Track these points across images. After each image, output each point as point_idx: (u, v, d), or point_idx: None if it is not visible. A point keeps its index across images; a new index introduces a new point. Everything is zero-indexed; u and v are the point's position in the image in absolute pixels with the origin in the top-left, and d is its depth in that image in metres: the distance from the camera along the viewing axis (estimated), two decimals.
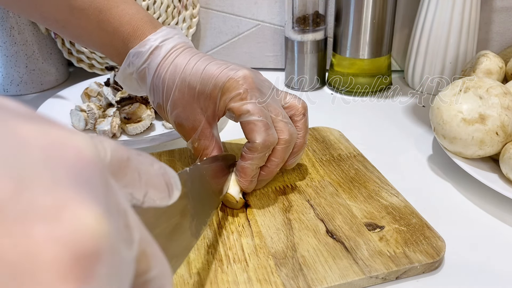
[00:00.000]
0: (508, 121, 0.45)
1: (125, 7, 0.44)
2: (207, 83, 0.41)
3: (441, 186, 0.48)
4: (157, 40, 0.43)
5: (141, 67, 0.43)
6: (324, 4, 0.69)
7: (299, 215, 0.41)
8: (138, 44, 0.43)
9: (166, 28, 0.44)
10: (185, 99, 0.42)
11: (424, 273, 0.36)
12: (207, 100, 0.42)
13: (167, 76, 0.42)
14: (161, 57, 0.43)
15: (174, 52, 0.43)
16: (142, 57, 0.43)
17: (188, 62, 0.42)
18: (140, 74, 0.44)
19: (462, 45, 0.66)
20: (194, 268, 0.36)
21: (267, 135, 0.40)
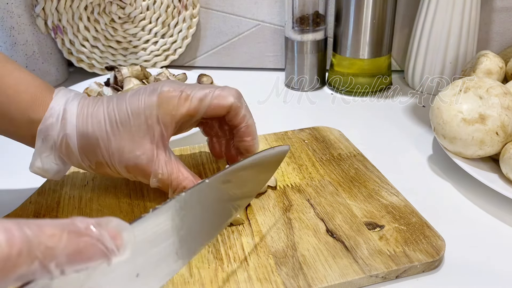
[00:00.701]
0: (508, 121, 0.45)
1: (19, 74, 0.39)
2: (138, 112, 0.39)
3: (441, 186, 0.48)
4: (60, 104, 0.40)
5: (59, 136, 0.39)
6: (324, 4, 0.69)
7: (299, 214, 0.41)
8: (43, 118, 0.39)
9: (59, 89, 0.41)
10: (124, 139, 0.39)
11: (424, 272, 0.36)
12: (149, 126, 0.39)
13: (94, 129, 0.39)
14: (75, 115, 0.39)
15: (84, 105, 0.40)
16: (56, 126, 0.39)
17: (105, 105, 0.40)
18: (61, 147, 0.40)
19: (462, 45, 0.67)
20: (195, 267, 0.36)
21: (229, 91, 0.40)
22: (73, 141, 0.39)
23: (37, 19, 0.73)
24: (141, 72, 0.63)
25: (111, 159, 0.40)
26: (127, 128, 0.39)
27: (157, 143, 0.40)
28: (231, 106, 0.40)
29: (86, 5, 0.76)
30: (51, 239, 0.17)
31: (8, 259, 0.16)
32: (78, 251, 0.18)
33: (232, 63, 0.84)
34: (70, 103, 0.40)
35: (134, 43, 0.79)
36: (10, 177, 0.53)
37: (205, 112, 0.40)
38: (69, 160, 0.41)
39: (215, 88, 0.41)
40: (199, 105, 0.40)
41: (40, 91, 0.40)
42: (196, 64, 0.84)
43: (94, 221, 0.19)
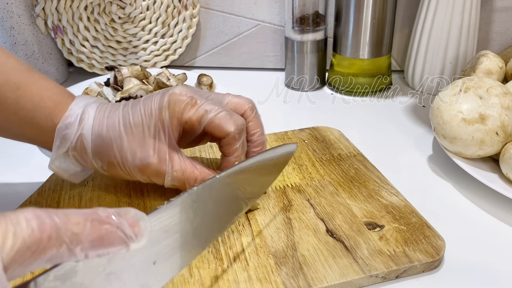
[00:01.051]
0: (508, 121, 0.45)
1: (44, 82, 0.41)
2: (151, 112, 0.40)
3: (441, 186, 0.48)
4: (80, 105, 0.41)
5: (76, 135, 0.40)
6: (324, 4, 0.69)
7: (299, 214, 0.41)
8: (62, 118, 0.41)
9: (80, 96, 0.43)
10: (136, 139, 0.40)
11: (424, 272, 0.36)
12: (159, 128, 0.40)
13: (109, 130, 0.40)
14: (92, 117, 0.41)
15: (102, 109, 0.41)
16: (74, 126, 0.40)
17: (121, 109, 0.41)
18: (76, 146, 0.41)
19: (462, 45, 0.67)
20: (195, 267, 0.36)
21: (235, 120, 0.40)
22: (87, 141, 0.40)
23: (37, 19, 0.73)
24: (141, 72, 0.63)
25: (124, 160, 0.40)
26: (140, 129, 0.40)
27: (168, 143, 0.40)
28: (228, 135, 0.40)
29: (86, 5, 0.76)
30: (76, 226, 0.19)
31: (39, 243, 0.18)
32: (100, 237, 0.20)
33: (232, 63, 0.84)
34: (89, 106, 0.42)
35: (134, 43, 0.79)
36: (10, 175, 0.53)
37: (205, 126, 0.40)
38: (83, 160, 0.42)
39: (224, 109, 0.40)
40: (202, 117, 0.40)
41: (62, 97, 0.42)
42: (196, 64, 0.84)
43: (114, 210, 0.21)
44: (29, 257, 0.19)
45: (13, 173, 0.53)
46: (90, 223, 0.20)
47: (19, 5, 0.71)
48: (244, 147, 0.42)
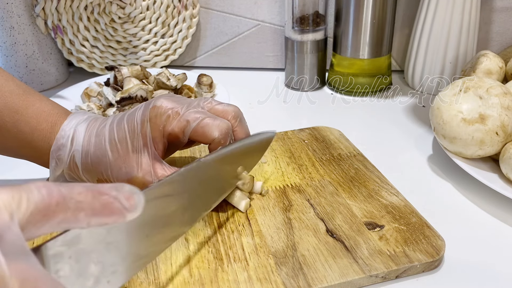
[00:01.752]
0: (508, 121, 0.45)
1: (40, 104, 0.42)
2: (134, 127, 0.40)
3: (441, 186, 0.48)
4: (71, 126, 0.42)
5: (69, 156, 0.42)
6: (324, 4, 0.69)
7: (299, 214, 0.41)
8: (55, 139, 0.42)
9: (75, 113, 0.44)
10: (121, 155, 0.41)
11: (424, 272, 0.36)
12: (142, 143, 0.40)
13: (96, 148, 0.41)
14: (82, 136, 0.42)
15: (91, 127, 0.42)
16: (66, 146, 0.41)
17: (108, 126, 0.42)
18: (70, 165, 0.42)
19: (462, 45, 0.67)
20: (195, 267, 0.36)
21: (218, 125, 0.40)
22: (78, 160, 0.42)
23: (37, 19, 0.74)
24: (141, 72, 0.63)
25: (110, 176, 0.41)
26: (124, 145, 0.41)
27: (152, 156, 0.41)
28: (213, 140, 0.40)
29: (86, 5, 0.76)
30: (79, 195, 0.22)
31: (49, 207, 0.21)
32: (100, 206, 0.23)
33: (232, 63, 0.84)
34: (80, 124, 0.42)
35: (134, 43, 0.79)
36: (10, 175, 0.53)
37: (189, 136, 0.41)
38: (77, 177, 0.43)
39: (207, 116, 0.41)
40: (185, 128, 0.40)
41: (58, 118, 0.43)
42: (196, 64, 0.84)
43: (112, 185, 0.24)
44: (40, 219, 0.21)
45: (13, 173, 0.53)
46: (91, 193, 0.23)
47: (19, 5, 0.71)
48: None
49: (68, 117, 0.43)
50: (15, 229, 0.20)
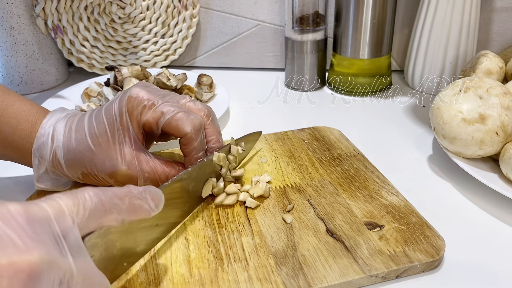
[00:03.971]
0: (508, 121, 0.45)
1: (20, 104, 0.43)
2: (113, 119, 0.41)
3: (441, 186, 0.48)
4: (50, 124, 0.42)
5: (51, 153, 0.42)
6: (324, 4, 0.69)
7: (299, 214, 0.41)
8: (36, 138, 0.42)
9: (54, 110, 0.44)
10: (104, 148, 0.41)
11: (424, 272, 0.36)
12: (123, 134, 0.41)
13: (78, 143, 0.41)
14: (61, 133, 0.42)
15: (69, 123, 0.42)
16: (47, 144, 0.42)
17: (86, 120, 0.42)
18: (53, 162, 0.42)
19: (462, 45, 0.67)
20: (195, 267, 0.36)
21: (191, 120, 0.41)
22: (60, 156, 0.42)
23: (37, 19, 0.73)
24: (141, 72, 0.63)
25: (95, 170, 0.42)
26: (105, 138, 0.41)
27: (134, 147, 0.41)
28: (186, 135, 0.41)
29: (86, 5, 0.76)
30: (120, 200, 0.27)
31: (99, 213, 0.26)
32: (134, 208, 0.28)
33: (232, 63, 0.84)
34: (59, 121, 0.42)
35: (134, 43, 0.79)
36: (10, 174, 0.53)
37: (162, 127, 0.41)
38: (61, 173, 0.43)
39: (181, 110, 0.41)
40: (159, 119, 0.41)
41: (38, 116, 0.43)
42: (196, 64, 0.84)
43: (142, 188, 0.29)
44: (92, 223, 0.26)
45: (13, 172, 0.53)
46: (128, 198, 0.28)
47: (19, 5, 0.71)
48: (203, 145, 0.43)
49: (47, 115, 0.43)
50: (76, 232, 0.24)
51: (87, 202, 0.25)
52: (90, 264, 0.25)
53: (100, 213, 0.26)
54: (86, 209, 0.25)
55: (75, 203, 0.25)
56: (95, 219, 0.26)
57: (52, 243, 0.22)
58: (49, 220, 0.23)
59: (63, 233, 0.23)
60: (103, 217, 0.26)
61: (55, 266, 0.21)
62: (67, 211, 0.24)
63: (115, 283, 0.34)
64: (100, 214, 0.26)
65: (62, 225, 0.23)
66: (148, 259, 0.37)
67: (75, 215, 0.24)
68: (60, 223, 0.23)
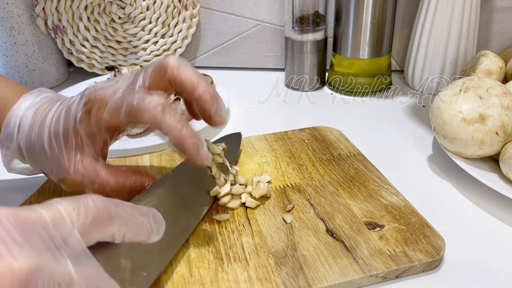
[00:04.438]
0: (508, 121, 0.45)
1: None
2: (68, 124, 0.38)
3: (441, 186, 0.48)
4: (20, 110, 0.40)
5: (16, 145, 0.40)
6: (324, 4, 0.69)
7: (299, 214, 0.41)
8: (3, 126, 0.40)
9: (26, 95, 0.41)
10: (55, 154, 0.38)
11: (424, 272, 0.36)
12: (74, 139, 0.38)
13: (36, 141, 0.39)
14: (27, 125, 0.39)
15: (37, 114, 0.39)
16: (13, 135, 0.40)
17: (50, 116, 0.39)
18: (19, 154, 0.41)
19: (462, 45, 0.67)
20: (195, 267, 0.36)
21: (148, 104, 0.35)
22: (24, 150, 0.40)
23: (37, 19, 0.73)
24: None
25: (46, 171, 0.40)
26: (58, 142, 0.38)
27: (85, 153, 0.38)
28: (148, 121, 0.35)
29: (86, 5, 0.76)
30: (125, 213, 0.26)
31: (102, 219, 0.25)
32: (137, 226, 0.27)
33: (232, 63, 0.84)
34: (29, 109, 0.39)
35: (134, 43, 0.79)
36: (10, 174, 0.53)
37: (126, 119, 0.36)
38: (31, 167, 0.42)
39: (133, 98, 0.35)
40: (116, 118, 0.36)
41: (8, 102, 0.40)
42: (196, 64, 0.84)
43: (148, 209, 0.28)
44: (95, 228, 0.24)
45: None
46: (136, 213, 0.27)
47: (19, 5, 0.71)
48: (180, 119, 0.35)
49: (18, 100, 0.40)
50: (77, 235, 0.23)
51: (89, 207, 0.24)
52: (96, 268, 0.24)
53: (104, 220, 0.25)
54: (89, 214, 0.24)
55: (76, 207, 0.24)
56: (98, 226, 0.25)
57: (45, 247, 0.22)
58: (45, 224, 0.22)
59: (63, 238, 0.23)
60: (107, 225, 0.25)
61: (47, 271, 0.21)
62: (67, 215, 0.23)
63: None
64: (104, 221, 0.25)
65: (60, 229, 0.23)
66: None
67: (75, 220, 0.23)
68: (58, 227, 0.23)
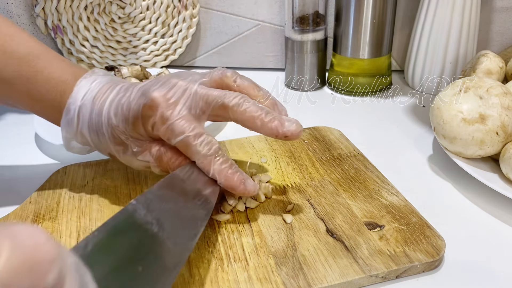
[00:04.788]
0: (508, 121, 0.45)
1: (50, 71, 0.41)
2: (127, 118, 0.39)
3: (441, 186, 0.48)
4: (78, 97, 0.41)
5: (77, 131, 0.41)
6: (324, 4, 0.69)
7: (299, 214, 0.41)
8: (64, 112, 0.41)
9: (83, 77, 0.42)
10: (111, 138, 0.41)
11: (424, 272, 0.36)
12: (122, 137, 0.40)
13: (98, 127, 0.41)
14: (88, 110, 0.41)
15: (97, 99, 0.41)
16: (73, 121, 0.41)
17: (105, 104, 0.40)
18: (82, 139, 0.42)
19: (462, 45, 0.67)
20: (195, 267, 0.36)
21: (204, 146, 0.38)
22: (87, 136, 0.42)
23: (37, 19, 0.73)
24: (141, 72, 0.63)
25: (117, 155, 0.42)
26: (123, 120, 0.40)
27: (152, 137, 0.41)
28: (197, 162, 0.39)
29: (86, 5, 0.76)
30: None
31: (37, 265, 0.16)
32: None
33: (232, 63, 0.84)
34: (86, 97, 0.41)
35: (134, 43, 0.79)
36: (10, 174, 0.53)
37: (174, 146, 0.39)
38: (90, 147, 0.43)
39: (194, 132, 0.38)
40: (170, 138, 0.39)
41: (67, 86, 0.41)
42: (196, 64, 0.84)
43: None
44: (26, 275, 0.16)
45: (13, 173, 0.53)
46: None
47: (19, 5, 0.71)
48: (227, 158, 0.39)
49: (75, 86, 0.41)
50: None
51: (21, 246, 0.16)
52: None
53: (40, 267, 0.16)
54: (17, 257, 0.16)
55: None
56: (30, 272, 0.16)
57: None
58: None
59: None
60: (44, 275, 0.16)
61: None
62: None
63: None
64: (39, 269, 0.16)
65: None
66: None
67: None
68: None
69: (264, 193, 0.43)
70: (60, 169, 0.50)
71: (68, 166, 0.50)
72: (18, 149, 0.58)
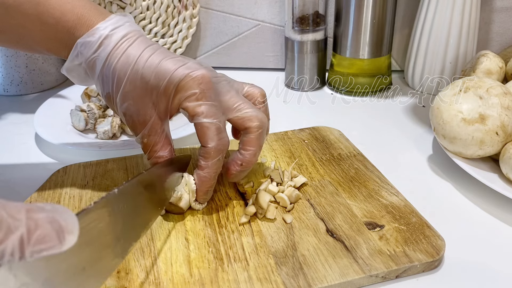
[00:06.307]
0: (508, 121, 0.45)
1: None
2: (161, 78, 0.39)
3: (441, 186, 0.48)
4: (107, 28, 0.40)
5: (91, 57, 0.40)
6: (324, 4, 0.69)
7: (299, 214, 0.41)
8: (86, 34, 0.40)
9: (116, 15, 0.42)
10: (136, 92, 0.40)
11: (424, 272, 0.36)
12: (160, 96, 0.40)
13: (118, 67, 0.40)
14: (111, 46, 0.40)
15: (125, 41, 0.40)
16: (92, 47, 0.40)
17: (141, 53, 0.40)
18: (89, 64, 0.41)
19: (462, 45, 0.67)
20: (195, 267, 0.36)
21: (219, 139, 0.40)
22: (98, 67, 0.41)
23: None
24: None
25: (118, 100, 0.41)
26: (144, 85, 0.40)
27: (158, 113, 0.41)
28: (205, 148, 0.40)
29: None
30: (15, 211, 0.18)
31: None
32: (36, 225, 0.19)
33: (232, 63, 0.84)
34: (116, 30, 0.41)
35: None
36: (10, 174, 0.53)
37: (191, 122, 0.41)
38: (91, 77, 0.42)
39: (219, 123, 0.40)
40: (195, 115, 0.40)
41: (86, 11, 0.41)
42: None
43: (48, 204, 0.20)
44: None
45: (13, 173, 0.53)
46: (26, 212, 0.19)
47: None
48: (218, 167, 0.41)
49: (106, 17, 0.41)
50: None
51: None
52: None
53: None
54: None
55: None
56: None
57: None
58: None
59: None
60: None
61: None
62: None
63: (115, 283, 0.34)
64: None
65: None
66: (148, 259, 0.37)
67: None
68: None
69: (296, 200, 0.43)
70: (60, 169, 0.50)
71: (68, 166, 0.50)
72: (18, 149, 0.58)
